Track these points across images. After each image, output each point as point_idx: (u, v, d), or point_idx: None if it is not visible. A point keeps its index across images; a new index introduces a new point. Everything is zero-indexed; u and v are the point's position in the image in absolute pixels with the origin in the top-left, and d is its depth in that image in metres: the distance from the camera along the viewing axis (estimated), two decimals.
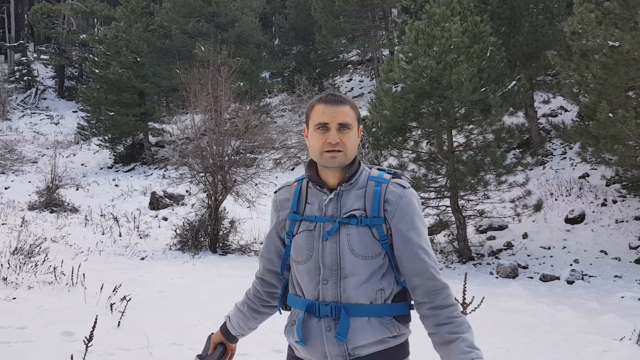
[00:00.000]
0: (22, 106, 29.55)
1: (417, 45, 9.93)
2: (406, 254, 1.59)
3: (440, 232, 11.16)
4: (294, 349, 1.68)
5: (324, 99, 1.65)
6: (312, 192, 1.68)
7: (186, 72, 14.84)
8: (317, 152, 1.62)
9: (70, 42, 32.44)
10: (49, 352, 3.82)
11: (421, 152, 10.78)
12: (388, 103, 9.94)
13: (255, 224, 12.08)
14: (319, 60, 23.91)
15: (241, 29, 21.78)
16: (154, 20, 23.35)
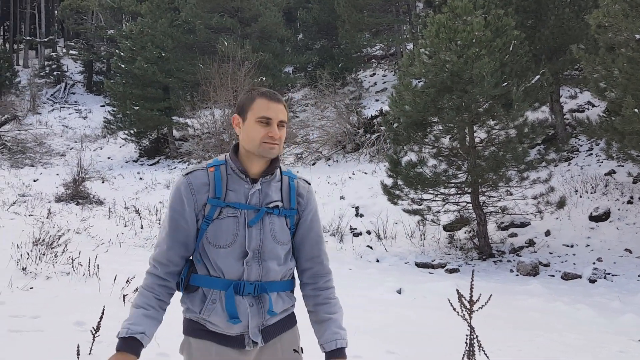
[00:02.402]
0: (52, 100, 30.25)
1: (438, 39, 9.78)
2: (309, 240, 1.87)
3: (460, 229, 11.00)
4: (205, 322, 1.74)
5: (267, 95, 1.78)
6: (233, 180, 1.77)
7: (209, 67, 14.96)
8: (256, 142, 1.74)
9: (99, 37, 33.03)
10: (58, 341, 3.89)
11: (442, 147, 10.63)
12: (408, 98, 9.83)
13: None
14: (342, 54, 23.81)
15: (264, 23, 21.83)
16: (179, 15, 23.58)
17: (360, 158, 16.20)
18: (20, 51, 41.99)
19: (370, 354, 4.33)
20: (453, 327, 5.01)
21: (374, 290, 6.95)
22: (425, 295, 6.96)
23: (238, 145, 1.82)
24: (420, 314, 5.95)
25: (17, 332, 4.01)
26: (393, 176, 10.35)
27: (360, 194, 13.31)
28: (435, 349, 4.69)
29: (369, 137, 16.78)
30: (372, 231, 11.43)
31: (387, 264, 9.56)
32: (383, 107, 17.34)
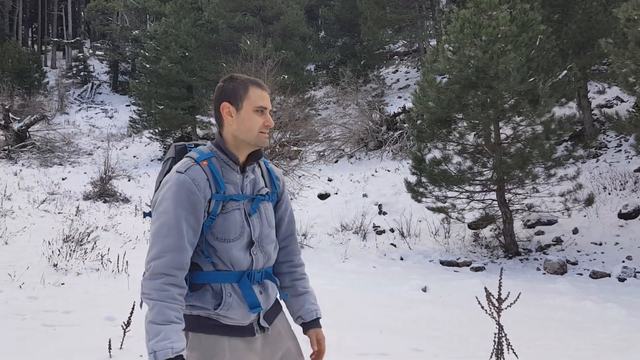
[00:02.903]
0: (79, 100, 30.83)
1: (462, 35, 9.68)
2: (286, 219, 1.93)
3: (485, 227, 10.88)
4: (219, 317, 1.70)
5: (259, 84, 1.79)
6: (226, 171, 1.75)
7: (231, 66, 15.06)
8: (254, 132, 1.75)
9: (124, 38, 33.50)
10: (90, 335, 3.97)
11: (466, 144, 10.52)
12: (432, 94, 9.75)
13: (297, 215, 12.15)
14: (365, 51, 23.70)
15: (286, 22, 21.87)
16: (202, 15, 23.76)
17: (383, 155, 16.13)
18: (48, 52, 42.90)
19: (396, 351, 4.32)
20: (480, 325, 4.97)
21: (398, 288, 6.93)
22: (450, 293, 6.91)
23: (221, 135, 1.78)
24: (446, 312, 5.91)
25: (50, 326, 4.11)
26: (417, 173, 10.29)
27: (384, 192, 13.26)
28: (462, 348, 4.65)
29: (391, 135, 16.69)
30: (396, 229, 11.38)
31: (412, 262, 9.51)
32: (406, 104, 17.21)
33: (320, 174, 15.11)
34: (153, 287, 1.58)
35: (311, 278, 6.59)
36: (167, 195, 1.65)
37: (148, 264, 1.62)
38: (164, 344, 1.52)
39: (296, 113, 13.38)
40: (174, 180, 1.67)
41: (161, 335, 1.53)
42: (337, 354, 4.14)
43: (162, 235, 1.62)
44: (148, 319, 1.57)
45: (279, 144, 11.99)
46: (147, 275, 1.61)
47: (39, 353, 3.61)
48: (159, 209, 1.66)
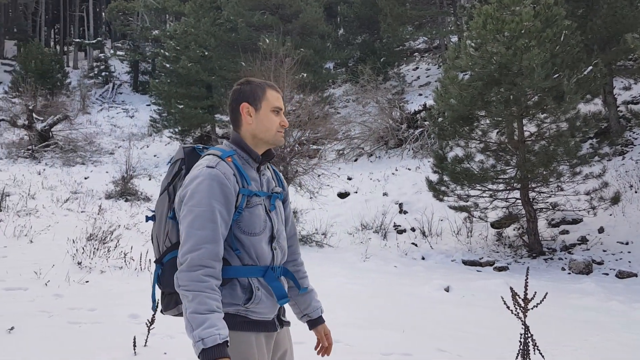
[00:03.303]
0: (101, 100, 31.24)
1: (485, 31, 9.54)
2: (290, 219, 2.00)
3: (509, 226, 10.73)
4: (248, 313, 1.74)
5: (274, 87, 1.89)
6: (247, 168, 1.81)
7: (250, 65, 15.09)
8: (272, 131, 1.84)
9: (144, 38, 33.82)
10: (115, 333, 3.99)
11: (489, 142, 10.38)
12: (454, 91, 9.63)
13: (317, 214, 12.14)
14: (384, 49, 23.56)
15: (305, 20, 21.84)
16: (221, 14, 23.86)
17: (404, 154, 16.00)
18: (70, 53, 43.57)
19: (420, 351, 4.27)
20: (505, 325, 4.89)
21: (420, 288, 6.85)
22: (474, 293, 6.81)
23: (237, 136, 1.85)
24: (470, 312, 5.82)
25: (76, 323, 4.14)
26: (439, 172, 10.18)
27: (404, 191, 13.15)
28: (487, 348, 4.57)
29: (412, 133, 16.55)
30: (417, 228, 11.28)
31: (433, 261, 9.41)
32: (427, 102, 17.05)
33: (340, 172, 15.05)
34: (192, 279, 1.61)
35: (331, 277, 6.61)
36: (200, 188, 1.68)
37: (184, 256, 1.64)
38: (210, 331, 1.56)
39: (315, 111, 13.33)
40: (206, 174, 1.70)
41: (207, 323, 1.57)
42: (359, 354, 4.10)
43: (198, 228, 1.65)
44: (190, 309, 1.59)
45: (298, 143, 11.96)
46: (184, 267, 1.63)
47: (66, 350, 3.63)
48: (191, 203, 1.68)
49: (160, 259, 1.82)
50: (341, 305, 5.69)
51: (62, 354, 3.57)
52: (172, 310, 1.84)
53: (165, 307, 1.85)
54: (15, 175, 15.15)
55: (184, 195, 1.71)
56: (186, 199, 1.70)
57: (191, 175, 1.73)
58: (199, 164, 1.76)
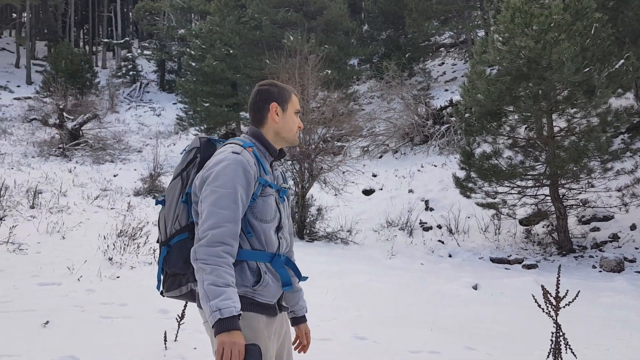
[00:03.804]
0: (128, 99, 31.76)
1: (513, 25, 9.37)
2: (290, 216, 2.06)
3: (538, 223, 10.54)
4: (255, 295, 1.81)
5: (295, 92, 2.05)
6: (263, 160, 1.91)
7: (275, 62, 15.14)
8: (293, 132, 2.00)
9: (170, 37, 34.23)
10: (145, 327, 4.06)
11: (518, 138, 10.21)
12: (482, 86, 9.49)
13: (341, 211, 12.12)
14: (409, 44, 23.37)
15: (329, 16, 21.80)
16: (246, 12, 23.99)
17: (429, 150, 15.86)
18: (98, 53, 44.40)
19: (448, 350, 4.23)
20: (535, 324, 4.82)
21: (448, 286, 6.79)
22: (502, 291, 6.72)
23: (258, 130, 1.96)
24: (499, 311, 5.75)
25: (108, 318, 4.23)
26: (466, 168, 10.06)
27: (430, 187, 13.04)
28: (517, 346, 4.51)
29: (438, 129, 16.39)
30: (443, 225, 11.17)
31: (460, 259, 9.32)
32: (453, 97, 16.86)
33: (365, 169, 15.01)
34: (211, 254, 1.69)
35: (357, 274, 6.60)
36: (225, 171, 1.76)
37: (205, 232, 1.71)
38: (227, 303, 1.63)
39: (340, 108, 13.30)
40: (232, 158, 1.79)
41: (224, 295, 1.64)
42: (387, 352, 4.09)
43: (221, 207, 1.73)
44: (207, 281, 1.66)
45: (322, 140, 11.95)
46: (204, 242, 1.70)
47: (98, 344, 3.71)
48: (215, 183, 1.76)
49: (168, 240, 1.89)
50: (367, 302, 5.69)
51: (95, 347, 3.65)
52: (174, 292, 1.91)
53: (167, 287, 1.92)
54: (47, 173, 15.52)
55: (207, 177, 1.79)
56: (210, 179, 1.78)
57: (216, 159, 1.82)
58: (223, 150, 1.86)
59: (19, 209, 10.31)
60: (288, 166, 11.42)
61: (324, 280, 6.64)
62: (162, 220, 1.94)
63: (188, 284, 1.88)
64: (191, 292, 1.89)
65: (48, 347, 3.59)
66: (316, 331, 4.45)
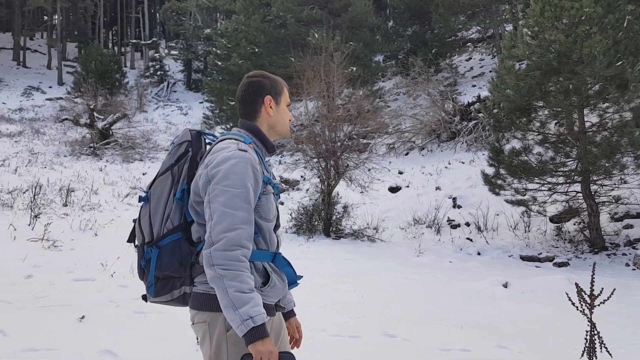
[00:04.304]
0: (156, 99, 32.25)
1: (543, 18, 9.19)
2: None
3: (569, 220, 10.34)
4: (263, 297, 1.72)
5: (285, 84, 1.99)
6: (262, 157, 1.86)
7: (300, 60, 15.17)
8: (286, 125, 1.95)
9: (196, 37, 34.61)
10: (179, 323, 4.12)
11: (548, 133, 10.02)
12: (511, 82, 9.34)
13: (368, 209, 12.10)
14: (436, 40, 23.13)
15: (354, 13, 21.73)
16: (270, 11, 24.10)
17: (457, 147, 15.69)
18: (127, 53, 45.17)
19: (480, 348, 4.19)
20: (568, 322, 4.74)
21: (478, 284, 6.72)
22: (533, 289, 6.62)
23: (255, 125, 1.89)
24: (530, 309, 5.66)
25: (141, 313, 4.31)
26: (495, 165, 9.92)
27: (458, 185, 12.90)
28: (549, 345, 4.44)
29: (465, 125, 16.19)
30: (472, 223, 11.05)
31: (490, 257, 9.20)
32: (481, 93, 16.65)
33: (391, 166, 14.93)
34: (230, 258, 1.59)
35: (385, 272, 6.59)
36: (236, 169, 1.67)
37: (219, 235, 1.61)
38: (257, 310, 1.57)
39: (365, 105, 13.26)
40: (241, 156, 1.70)
41: (252, 302, 1.57)
42: (418, 349, 4.07)
43: (234, 208, 1.64)
44: (232, 288, 1.57)
45: (348, 137, 11.94)
46: (220, 246, 1.60)
47: (133, 338, 3.79)
48: (225, 183, 1.65)
49: (157, 241, 1.74)
50: (396, 300, 5.67)
51: (130, 342, 3.73)
52: (165, 297, 1.77)
53: (157, 292, 1.76)
54: (79, 172, 15.88)
55: (214, 175, 1.68)
56: (218, 178, 1.67)
57: (221, 156, 1.70)
58: (226, 147, 1.74)
59: (53, 206, 10.58)
60: (314, 164, 11.45)
61: (351, 278, 6.65)
62: (147, 219, 1.78)
63: (182, 287, 1.76)
64: (183, 295, 1.78)
65: (85, 341, 3.69)
66: (345, 328, 4.47)
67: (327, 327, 4.46)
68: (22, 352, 3.44)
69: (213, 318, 1.69)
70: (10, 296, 4.70)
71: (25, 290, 4.96)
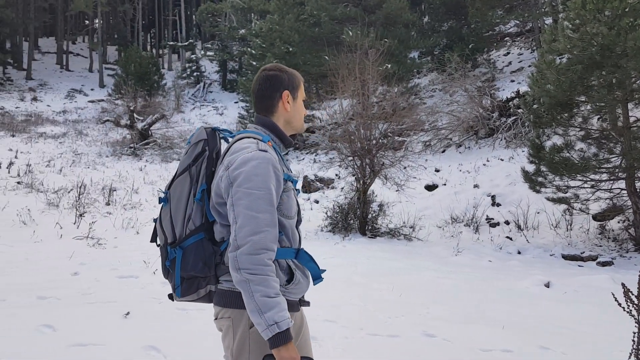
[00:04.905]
0: (193, 99, 32.83)
1: (585, 11, 8.91)
2: None
3: (613, 218, 10.00)
4: (286, 293, 1.74)
5: (301, 78, 1.98)
6: (281, 154, 1.85)
7: (334, 58, 15.16)
8: (302, 120, 1.94)
9: (231, 37, 35.06)
10: None
11: (591, 129, 9.72)
12: (551, 76, 9.10)
13: (404, 207, 12.01)
14: (472, 34, 22.75)
15: (389, 9, 21.59)
16: (304, 9, 24.18)
17: (495, 144, 15.39)
18: (164, 55, 46.11)
19: (521, 349, 4.12)
20: (613, 323, 4.60)
21: (518, 284, 6.59)
22: (576, 289, 6.44)
23: (272, 121, 1.87)
24: (573, 309, 5.52)
25: (183, 310, 4.41)
26: (535, 162, 9.69)
27: (497, 182, 12.66)
28: (594, 346, 4.32)
29: (504, 121, 15.87)
30: (511, 221, 10.82)
31: (530, 256, 9.00)
32: (520, 88, 16.26)
33: (427, 164, 14.78)
34: (257, 262, 1.60)
35: (422, 271, 6.53)
36: (257, 171, 1.66)
37: (245, 238, 1.61)
38: (283, 315, 1.58)
39: (400, 103, 13.15)
40: (261, 157, 1.68)
41: (278, 307, 1.58)
42: (458, 349, 4.03)
43: (258, 210, 1.63)
44: (259, 293, 1.58)
45: (383, 135, 11.87)
46: (246, 250, 1.60)
47: (175, 333, 3.89)
48: (247, 185, 1.65)
49: (180, 242, 1.75)
50: (435, 299, 5.62)
51: (173, 338, 3.83)
52: (191, 296, 1.80)
53: (184, 292, 1.78)
54: (120, 172, 16.33)
55: (236, 177, 1.67)
56: (240, 180, 1.66)
57: (242, 158, 1.69)
58: (246, 147, 1.73)
59: (96, 205, 10.92)
60: (349, 162, 11.43)
61: (388, 277, 6.62)
62: (168, 219, 1.78)
63: (207, 286, 1.78)
64: (208, 294, 1.81)
65: (130, 337, 3.80)
66: (384, 327, 4.46)
67: (365, 326, 4.46)
68: (71, 347, 3.57)
69: (237, 315, 1.71)
70: (58, 292, 4.88)
71: (72, 287, 5.14)
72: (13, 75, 36.75)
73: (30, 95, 32.69)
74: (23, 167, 14.28)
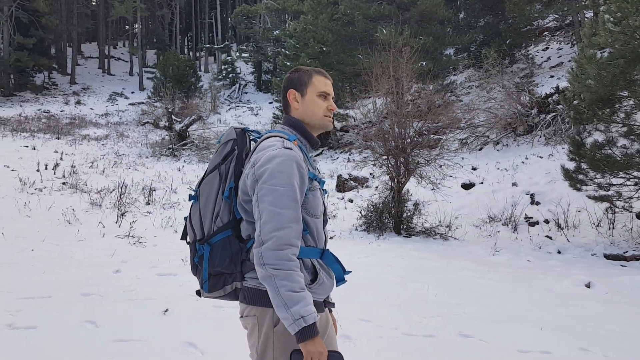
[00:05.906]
0: (229, 100, 33.32)
1: (627, 3, 8.61)
2: None
3: None
4: (311, 294, 1.73)
5: (322, 72, 1.94)
6: (307, 153, 1.86)
7: (368, 57, 15.12)
8: (318, 116, 1.89)
9: (266, 39, 35.40)
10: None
11: (634, 125, 9.39)
12: (592, 71, 8.83)
13: (439, 206, 11.88)
14: (510, 30, 22.30)
15: (423, 6, 21.38)
16: (338, 9, 24.20)
17: (534, 141, 15.04)
18: (201, 58, 46.93)
19: (561, 350, 4.03)
20: None
21: (558, 284, 6.43)
22: (619, 289, 6.25)
23: (298, 121, 1.89)
24: (615, 310, 5.35)
25: (220, 307, 4.50)
26: (576, 159, 9.43)
27: (536, 180, 12.37)
28: (637, 349, 4.19)
29: (543, 118, 15.49)
30: (551, 220, 10.56)
31: (571, 255, 8.76)
32: (560, 84, 15.84)
33: (464, 162, 14.58)
34: (281, 258, 1.62)
35: (459, 270, 6.46)
36: (282, 168, 1.69)
37: (269, 234, 1.63)
38: (309, 309, 1.60)
39: (435, 100, 12.99)
40: (286, 154, 1.71)
41: (304, 301, 1.60)
42: (495, 350, 3.98)
43: (282, 207, 1.66)
44: (284, 288, 1.60)
45: (418, 133, 11.75)
46: (271, 245, 1.62)
47: (213, 331, 3.98)
48: (272, 181, 1.68)
49: (208, 239, 1.79)
50: (471, 299, 5.55)
51: (210, 334, 3.91)
52: (218, 292, 1.82)
53: (211, 288, 1.81)
54: (159, 172, 16.71)
55: (261, 174, 1.70)
56: (265, 177, 1.69)
57: (267, 155, 1.72)
58: (271, 145, 1.76)
59: (137, 205, 11.22)
60: (383, 161, 11.38)
61: (424, 276, 6.57)
62: (197, 217, 1.83)
63: (234, 282, 1.80)
64: (235, 291, 1.83)
65: (168, 334, 3.91)
66: (420, 327, 4.44)
67: (401, 325, 4.45)
68: (113, 343, 3.69)
69: (262, 313, 1.73)
70: (101, 289, 5.06)
71: (114, 284, 5.32)
72: (58, 80, 38.13)
73: (74, 99, 33.85)
74: (68, 168, 14.79)
